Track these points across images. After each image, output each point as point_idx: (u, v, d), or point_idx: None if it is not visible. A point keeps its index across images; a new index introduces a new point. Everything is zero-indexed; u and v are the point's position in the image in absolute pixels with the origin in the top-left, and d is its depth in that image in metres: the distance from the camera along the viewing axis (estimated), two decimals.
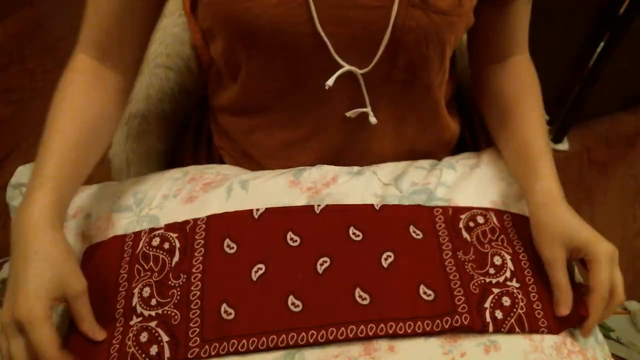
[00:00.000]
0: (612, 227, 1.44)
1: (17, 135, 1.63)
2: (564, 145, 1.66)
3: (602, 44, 1.43)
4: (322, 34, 0.53)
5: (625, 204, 1.50)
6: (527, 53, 0.67)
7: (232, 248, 0.56)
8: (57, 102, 0.55)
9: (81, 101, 0.56)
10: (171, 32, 0.82)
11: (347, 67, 0.55)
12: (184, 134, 0.81)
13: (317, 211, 0.58)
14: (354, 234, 0.57)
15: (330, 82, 0.55)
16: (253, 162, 0.70)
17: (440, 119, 0.69)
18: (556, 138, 1.66)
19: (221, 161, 0.74)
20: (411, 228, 0.58)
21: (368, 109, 0.60)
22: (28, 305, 0.45)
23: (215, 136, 0.74)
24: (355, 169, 0.64)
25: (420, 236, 0.57)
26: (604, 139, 1.67)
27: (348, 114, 0.61)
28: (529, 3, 0.63)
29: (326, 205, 0.59)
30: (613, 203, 1.51)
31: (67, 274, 0.48)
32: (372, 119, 0.61)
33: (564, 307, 0.53)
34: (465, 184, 0.62)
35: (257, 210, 0.58)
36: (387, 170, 0.64)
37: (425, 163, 0.65)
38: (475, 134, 0.81)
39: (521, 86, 0.65)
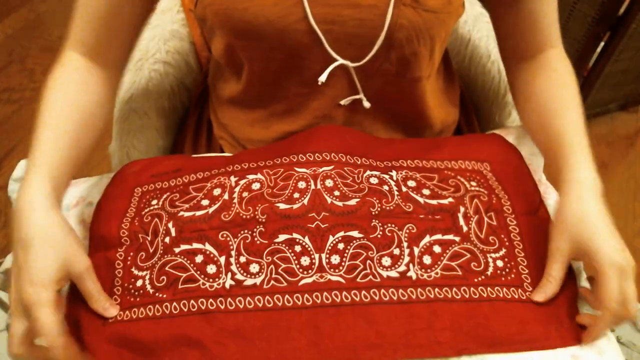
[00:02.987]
0: None
1: (17, 135, 1.63)
2: None
3: (602, 44, 1.43)
4: (318, 31, 0.55)
5: (625, 204, 1.49)
6: (560, 47, 0.64)
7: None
8: (47, 94, 0.56)
9: (71, 92, 0.57)
10: (170, 28, 0.82)
11: (339, 60, 0.57)
12: (183, 129, 0.81)
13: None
14: None
15: (322, 77, 0.58)
16: None
17: (428, 111, 0.69)
18: None
19: (221, 152, 0.74)
20: None
21: (361, 95, 0.62)
22: (32, 290, 0.45)
23: (215, 125, 0.75)
24: None
25: None
26: (604, 139, 1.66)
27: (342, 102, 0.62)
28: None
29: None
30: (613, 203, 1.50)
31: (68, 254, 0.48)
32: (366, 104, 0.62)
33: (541, 294, 0.50)
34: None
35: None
36: None
37: None
38: (473, 128, 0.81)
39: (555, 80, 0.62)
